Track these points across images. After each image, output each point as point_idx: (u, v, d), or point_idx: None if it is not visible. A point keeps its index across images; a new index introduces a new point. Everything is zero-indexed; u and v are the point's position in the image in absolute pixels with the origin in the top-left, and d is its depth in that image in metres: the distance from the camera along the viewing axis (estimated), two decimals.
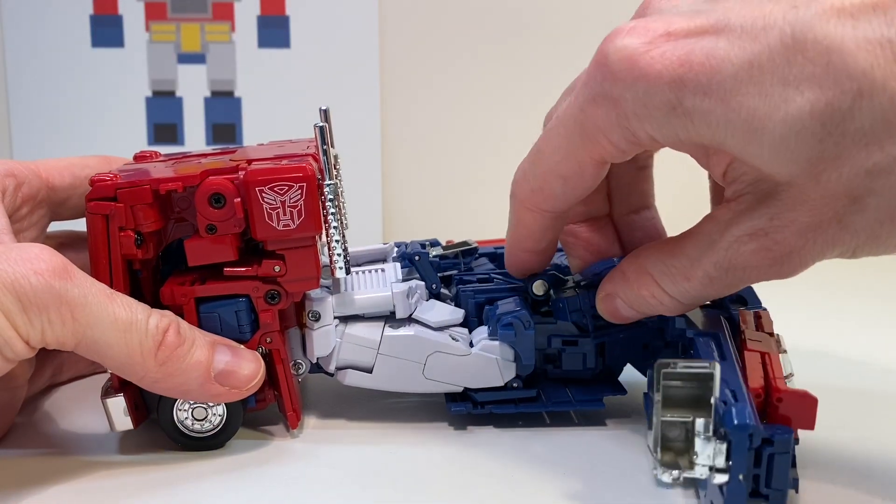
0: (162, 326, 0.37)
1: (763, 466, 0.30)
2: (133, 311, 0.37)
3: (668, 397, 0.31)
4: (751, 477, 0.30)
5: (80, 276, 0.36)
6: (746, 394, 0.32)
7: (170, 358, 0.37)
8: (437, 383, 0.42)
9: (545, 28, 0.77)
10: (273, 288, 0.40)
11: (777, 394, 0.32)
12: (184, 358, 0.38)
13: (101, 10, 0.77)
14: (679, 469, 0.31)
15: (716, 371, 0.30)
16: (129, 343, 0.36)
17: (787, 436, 0.30)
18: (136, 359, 0.37)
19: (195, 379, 0.38)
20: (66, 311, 0.35)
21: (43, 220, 0.44)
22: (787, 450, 0.30)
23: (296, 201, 0.38)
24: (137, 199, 0.39)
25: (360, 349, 0.42)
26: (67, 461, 0.40)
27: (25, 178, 0.42)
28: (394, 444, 0.41)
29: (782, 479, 0.31)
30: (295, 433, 0.42)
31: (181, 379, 0.38)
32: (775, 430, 0.31)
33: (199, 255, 0.40)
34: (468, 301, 0.44)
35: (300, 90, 0.77)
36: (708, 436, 0.30)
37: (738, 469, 0.30)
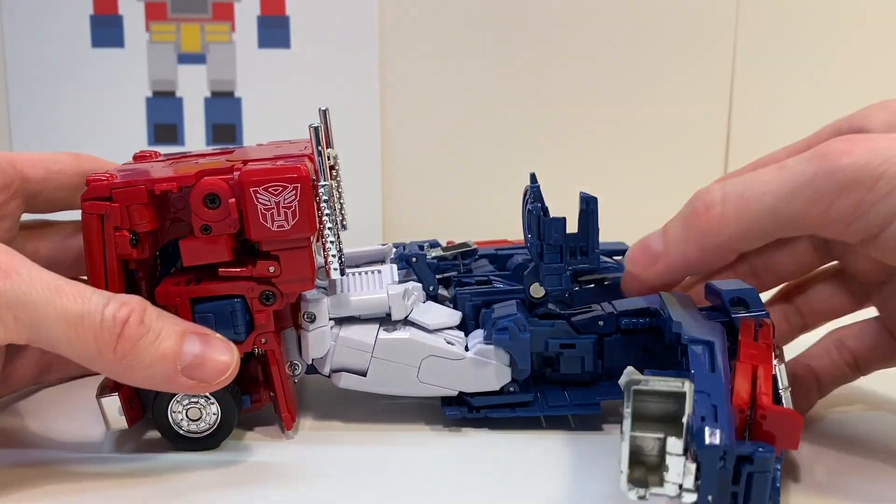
0: (121, 317, 0.35)
1: (741, 485, 0.30)
2: (85, 302, 0.35)
3: (640, 412, 0.30)
4: (728, 494, 0.30)
5: (25, 273, 0.34)
6: (728, 410, 0.31)
7: (131, 351, 0.35)
8: (431, 387, 0.42)
9: (546, 28, 0.77)
10: (268, 289, 0.40)
11: (761, 410, 0.31)
12: (146, 350, 0.35)
13: (101, 10, 0.76)
14: (647, 487, 0.30)
15: (688, 390, 0.29)
16: (82, 337, 0.34)
17: (767, 455, 0.29)
18: (92, 353, 0.35)
19: (160, 372, 0.36)
20: (7, 312, 0.34)
21: (16, 211, 0.43)
22: (767, 469, 0.29)
23: (290, 202, 0.38)
24: (133, 198, 0.39)
25: (354, 352, 0.42)
26: (62, 460, 0.40)
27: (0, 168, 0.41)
28: (389, 446, 0.41)
29: (761, 497, 0.30)
30: (290, 434, 0.42)
31: (145, 372, 0.36)
32: (756, 447, 0.30)
33: (194, 256, 0.39)
34: (465, 304, 0.44)
35: (300, 90, 0.77)
36: (679, 454, 0.29)
37: (707, 490, 0.29)
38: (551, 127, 0.78)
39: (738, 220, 0.35)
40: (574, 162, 0.78)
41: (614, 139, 0.78)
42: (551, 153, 0.78)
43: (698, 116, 0.77)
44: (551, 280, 0.42)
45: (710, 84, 0.76)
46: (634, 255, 0.39)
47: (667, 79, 0.77)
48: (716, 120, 0.76)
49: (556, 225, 0.41)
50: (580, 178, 0.77)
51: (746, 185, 0.35)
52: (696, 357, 0.34)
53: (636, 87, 0.77)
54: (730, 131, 0.76)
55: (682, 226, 0.37)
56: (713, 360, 0.34)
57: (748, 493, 0.30)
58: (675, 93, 0.77)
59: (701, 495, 0.29)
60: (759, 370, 0.33)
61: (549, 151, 0.78)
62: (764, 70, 0.76)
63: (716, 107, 0.76)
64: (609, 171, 0.77)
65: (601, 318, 0.42)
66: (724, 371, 0.33)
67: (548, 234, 0.41)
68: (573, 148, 0.78)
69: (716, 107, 0.76)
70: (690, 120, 0.77)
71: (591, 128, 0.78)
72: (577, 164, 0.78)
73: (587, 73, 0.77)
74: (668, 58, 0.76)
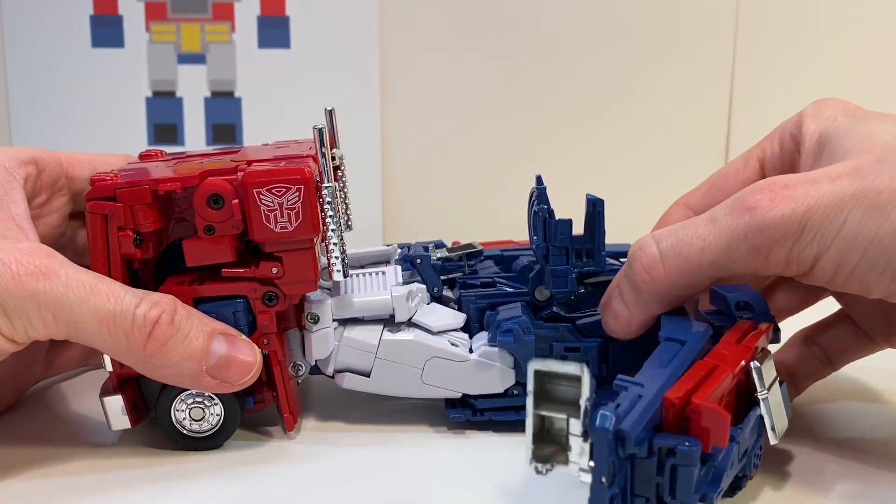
0: (151, 317, 0.37)
1: (665, 476, 0.30)
2: (119, 301, 0.37)
3: (554, 394, 0.31)
4: (653, 484, 0.30)
5: (63, 274, 0.36)
6: (656, 402, 0.31)
7: (160, 350, 0.37)
8: (435, 388, 0.42)
9: (547, 28, 0.77)
10: (271, 290, 0.40)
11: (690, 406, 0.31)
12: (174, 350, 0.37)
13: (101, 10, 0.76)
14: (550, 463, 0.31)
15: (584, 374, 0.30)
16: (114, 336, 0.36)
17: (690, 449, 0.30)
18: (123, 350, 0.37)
19: (186, 371, 0.38)
20: (46, 312, 0.36)
21: (65, 208, 0.44)
22: (691, 462, 0.30)
23: (294, 203, 0.38)
24: (136, 198, 0.39)
25: (358, 353, 0.42)
26: (64, 458, 0.40)
27: (46, 165, 0.43)
28: (391, 448, 0.41)
29: (686, 491, 0.30)
30: (292, 435, 0.42)
31: (171, 370, 0.38)
32: (681, 441, 0.30)
33: (198, 256, 0.40)
34: (470, 306, 0.44)
35: (300, 90, 0.77)
36: (578, 435, 0.30)
37: (601, 471, 0.29)
38: (553, 127, 0.78)
39: (684, 274, 0.37)
40: (575, 162, 0.78)
41: (615, 139, 0.78)
42: (552, 153, 0.78)
43: (699, 117, 0.77)
44: (557, 282, 0.42)
45: (710, 84, 0.76)
46: (608, 324, 0.40)
47: (668, 79, 0.77)
48: (716, 120, 0.76)
49: (563, 227, 0.41)
50: (581, 178, 0.77)
51: (682, 240, 0.36)
52: (659, 353, 0.35)
53: (637, 87, 0.77)
54: (730, 131, 0.77)
55: (632, 289, 0.39)
56: (673, 357, 0.35)
57: (672, 486, 0.30)
58: (675, 93, 0.77)
59: (595, 475, 0.30)
60: (717, 369, 0.34)
61: (550, 151, 0.78)
62: (764, 70, 0.76)
63: (716, 107, 0.77)
64: (610, 172, 0.77)
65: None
66: (680, 367, 0.34)
67: (554, 236, 0.41)
68: (575, 148, 0.78)
69: (716, 107, 0.77)
70: (691, 120, 0.77)
71: (593, 128, 0.78)
72: (579, 164, 0.78)
73: (588, 73, 0.77)
74: (668, 58, 0.76)
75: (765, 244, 0.35)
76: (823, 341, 0.43)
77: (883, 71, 0.76)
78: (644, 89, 0.77)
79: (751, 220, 0.35)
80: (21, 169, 0.41)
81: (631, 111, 0.77)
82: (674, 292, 0.38)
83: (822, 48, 0.76)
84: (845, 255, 0.34)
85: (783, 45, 0.76)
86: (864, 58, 0.76)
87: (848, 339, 0.43)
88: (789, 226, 0.34)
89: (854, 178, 0.34)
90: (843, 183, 0.34)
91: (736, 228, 0.35)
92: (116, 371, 0.40)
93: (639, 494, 0.31)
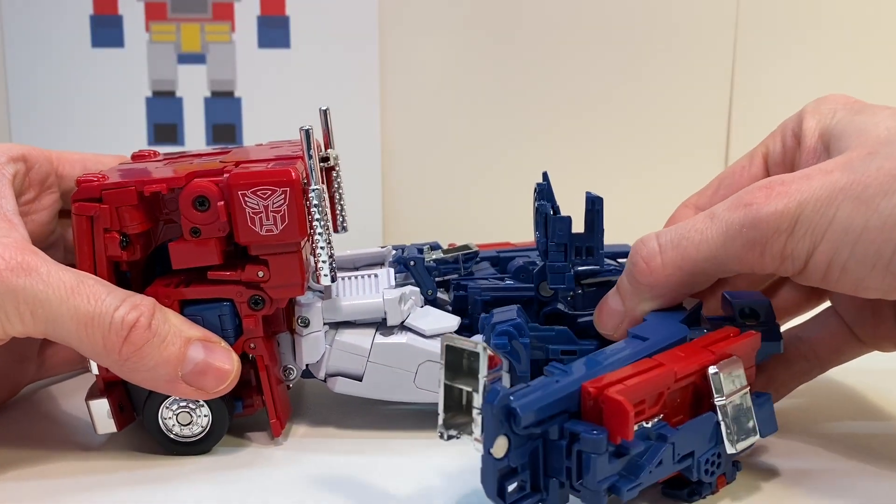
0: (129, 320, 0.36)
1: (573, 461, 0.32)
2: (98, 303, 0.36)
3: (463, 367, 0.32)
4: (563, 468, 0.32)
5: (44, 272, 0.36)
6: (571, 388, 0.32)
7: (134, 354, 0.37)
8: (429, 393, 0.41)
9: (547, 29, 0.76)
10: (257, 293, 0.39)
11: (601, 396, 0.32)
12: (150, 354, 0.37)
13: (101, 10, 0.76)
14: (456, 431, 0.32)
15: (481, 352, 0.31)
16: (90, 337, 0.36)
17: (596, 435, 0.31)
18: (100, 352, 0.37)
19: (161, 376, 0.37)
20: (25, 308, 0.36)
21: (54, 206, 0.44)
22: (595, 450, 0.31)
23: (279, 206, 0.38)
24: (122, 200, 0.38)
25: (350, 356, 0.41)
26: (50, 460, 0.40)
27: (36, 161, 0.43)
28: (382, 454, 0.40)
29: (591, 478, 0.31)
30: (279, 441, 0.41)
31: (147, 375, 0.37)
32: (588, 428, 0.31)
33: (184, 259, 0.39)
34: (475, 298, 0.43)
35: (300, 90, 0.76)
36: (478, 408, 0.31)
37: (489, 443, 0.31)
38: (553, 127, 0.77)
39: (681, 267, 0.37)
40: (575, 162, 0.77)
41: (615, 139, 0.77)
42: (553, 153, 0.77)
43: (698, 117, 0.76)
44: (555, 279, 0.41)
45: (710, 84, 0.76)
46: (601, 319, 0.40)
47: (667, 80, 0.76)
48: (716, 120, 0.76)
49: (561, 224, 0.41)
50: (581, 178, 0.76)
51: (681, 235, 0.37)
52: (611, 347, 0.36)
53: (637, 88, 0.76)
54: (730, 131, 0.76)
55: (630, 282, 0.39)
56: (621, 351, 0.35)
57: (579, 471, 0.32)
58: (675, 94, 0.76)
59: (484, 446, 0.31)
60: (655, 368, 0.34)
61: (550, 152, 0.77)
62: (764, 70, 0.75)
63: (716, 107, 0.76)
64: (610, 172, 0.77)
65: None
66: (624, 361, 0.34)
67: (553, 233, 0.41)
68: (575, 148, 0.77)
69: (716, 107, 0.76)
70: (691, 121, 0.76)
71: (593, 128, 0.77)
72: (579, 164, 0.77)
73: (588, 74, 0.76)
74: (668, 59, 0.76)
75: (759, 239, 0.35)
76: (811, 339, 0.43)
77: (883, 70, 0.75)
78: (644, 90, 0.76)
79: (746, 214, 0.35)
80: (10, 165, 0.41)
81: (631, 111, 0.77)
82: (671, 287, 0.38)
83: (822, 48, 0.75)
84: (836, 248, 0.34)
85: (783, 45, 0.75)
86: (865, 57, 0.75)
87: (836, 337, 0.43)
88: (782, 220, 0.34)
89: (844, 172, 0.35)
90: (834, 177, 0.35)
91: (732, 223, 0.36)
92: (103, 374, 0.39)
93: (552, 476, 0.32)
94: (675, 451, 0.33)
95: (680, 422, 0.34)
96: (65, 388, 0.48)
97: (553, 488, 0.32)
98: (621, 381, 0.32)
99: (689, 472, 0.34)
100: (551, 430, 0.32)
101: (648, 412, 0.33)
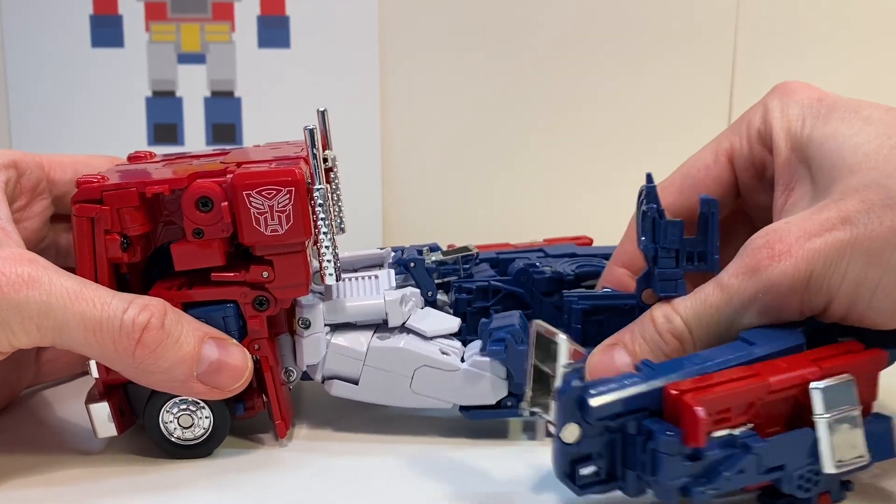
0: (140, 322, 0.36)
1: (648, 457, 0.32)
2: (105, 308, 0.36)
3: (545, 348, 0.35)
4: (639, 462, 0.32)
5: (46, 281, 0.35)
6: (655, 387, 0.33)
7: (148, 356, 0.36)
8: (425, 398, 0.41)
9: (547, 29, 0.76)
10: (261, 294, 0.39)
11: (679, 400, 0.32)
12: (165, 355, 0.36)
13: (101, 10, 0.76)
14: (537, 409, 0.35)
15: (561, 342, 0.34)
16: (101, 342, 0.36)
17: (669, 437, 0.31)
18: (111, 356, 0.36)
19: (177, 376, 0.37)
20: (30, 322, 0.35)
21: (46, 212, 0.43)
22: (668, 451, 0.31)
23: (284, 206, 0.37)
24: (123, 201, 0.38)
25: (346, 360, 0.41)
26: (51, 466, 0.39)
27: (27, 168, 0.42)
28: (382, 457, 0.40)
29: (663, 477, 0.32)
30: (284, 442, 0.41)
31: (162, 376, 0.37)
32: (662, 427, 0.32)
33: (186, 260, 0.39)
34: (571, 307, 0.43)
35: (300, 90, 0.76)
36: (553, 393, 0.34)
37: (559, 428, 0.32)
38: (553, 127, 0.77)
39: (709, 336, 0.37)
40: (575, 163, 0.77)
41: (615, 140, 0.77)
42: (553, 154, 0.77)
43: (698, 118, 0.76)
44: (665, 286, 0.39)
45: (709, 85, 0.76)
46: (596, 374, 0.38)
47: (668, 81, 0.76)
48: (716, 120, 0.75)
49: (674, 228, 0.39)
50: (581, 178, 0.76)
51: (698, 310, 0.37)
52: (715, 348, 0.36)
53: (637, 89, 0.76)
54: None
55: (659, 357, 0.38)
56: (722, 354, 0.35)
57: (654, 467, 0.32)
58: (675, 95, 0.76)
59: (557, 432, 0.33)
60: (750, 377, 0.33)
61: (551, 152, 0.77)
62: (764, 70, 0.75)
63: (716, 107, 0.76)
64: (609, 172, 0.76)
65: None
66: (721, 365, 0.34)
67: (664, 238, 0.39)
68: (575, 148, 0.77)
69: (716, 107, 0.76)
70: (690, 122, 0.76)
71: (593, 128, 0.77)
72: (579, 164, 0.77)
73: (589, 74, 0.76)
74: (668, 60, 0.75)
75: (775, 301, 0.35)
76: None
77: (883, 70, 0.74)
78: (644, 90, 0.76)
79: (758, 281, 0.35)
80: (0, 173, 0.40)
81: (631, 112, 0.77)
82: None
83: (822, 48, 0.75)
84: (853, 301, 0.35)
85: (783, 45, 0.75)
86: (864, 57, 0.75)
87: None
88: (795, 282, 0.35)
89: (847, 227, 0.35)
90: (837, 234, 0.35)
91: (745, 292, 0.36)
92: (102, 377, 0.39)
93: (630, 468, 0.33)
94: (761, 461, 0.33)
95: (775, 433, 0.34)
96: (64, 392, 0.48)
97: (630, 478, 0.33)
98: (706, 388, 0.32)
99: (780, 485, 0.34)
100: (629, 424, 0.33)
101: (735, 420, 0.33)
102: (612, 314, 0.42)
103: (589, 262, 0.50)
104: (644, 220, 0.40)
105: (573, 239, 0.55)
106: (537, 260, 0.49)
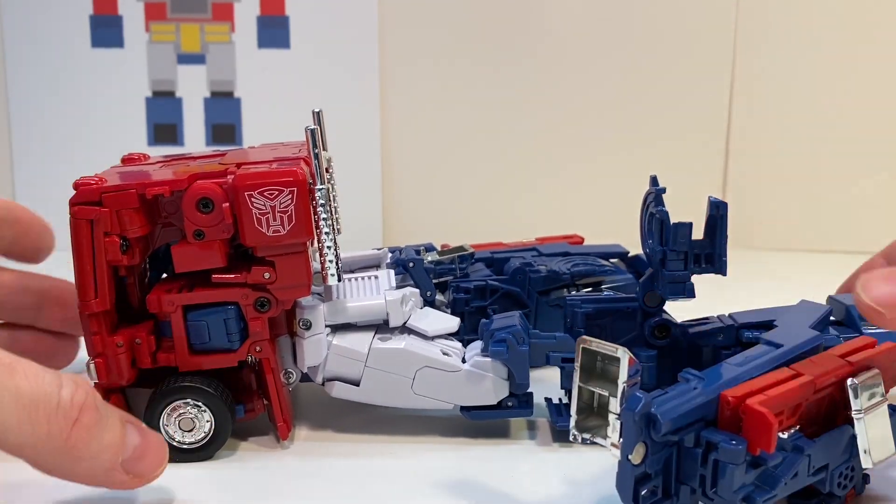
0: (78, 401, 0.31)
1: (708, 469, 0.31)
2: (40, 383, 0.30)
3: (598, 371, 0.32)
4: (697, 476, 0.31)
5: None
6: (710, 396, 0.31)
7: (83, 439, 0.31)
8: (426, 399, 0.41)
9: (547, 30, 0.76)
10: (263, 295, 0.39)
11: (742, 406, 0.31)
12: (97, 438, 0.31)
13: (101, 10, 0.76)
14: (590, 434, 0.32)
15: (622, 357, 0.31)
16: (34, 421, 0.30)
17: (735, 446, 0.30)
18: (39, 438, 0.30)
19: (103, 464, 0.32)
20: None
21: None
22: (733, 460, 0.30)
23: (286, 206, 0.37)
24: (123, 203, 0.38)
25: (347, 361, 0.41)
26: None
27: None
28: (383, 457, 0.40)
29: (727, 488, 0.31)
30: (285, 444, 0.41)
31: (88, 464, 0.32)
32: (727, 438, 0.31)
33: (187, 262, 0.38)
34: (575, 311, 0.42)
35: (300, 90, 0.76)
36: (615, 413, 0.31)
37: (627, 449, 0.30)
38: (552, 128, 0.77)
39: None
40: (575, 164, 0.77)
41: (614, 140, 0.77)
42: (552, 154, 0.77)
43: (698, 118, 0.76)
44: (674, 289, 0.39)
45: (709, 85, 0.75)
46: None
47: (667, 83, 0.76)
48: (716, 120, 0.75)
49: (682, 230, 0.39)
50: (580, 179, 0.76)
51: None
52: (747, 352, 0.35)
53: (637, 90, 0.76)
54: (730, 132, 0.75)
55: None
56: (756, 358, 0.34)
57: (714, 480, 0.31)
58: (675, 96, 0.76)
59: (622, 452, 0.31)
60: (793, 377, 0.33)
61: (550, 152, 0.77)
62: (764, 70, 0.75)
63: (716, 107, 0.75)
64: (609, 173, 0.76)
65: (721, 331, 0.41)
66: (759, 369, 0.34)
67: (673, 240, 0.39)
68: (574, 149, 0.77)
69: (716, 107, 0.75)
70: (690, 123, 0.76)
71: (592, 129, 0.77)
72: (578, 165, 0.77)
73: (587, 76, 0.76)
74: (668, 62, 0.75)
75: None
76: None
77: (883, 70, 0.74)
78: (644, 92, 0.76)
79: None
80: None
81: (630, 113, 0.77)
82: None
83: (822, 48, 0.75)
84: None
85: (783, 46, 0.75)
86: (865, 57, 0.74)
87: None
88: None
89: None
90: None
91: None
92: (102, 381, 0.39)
93: (685, 482, 0.32)
94: (811, 463, 0.33)
95: (814, 433, 0.33)
96: None
97: (684, 494, 0.32)
98: (762, 391, 0.32)
99: (822, 485, 0.34)
100: (686, 437, 0.31)
101: (786, 423, 0.33)
102: (616, 318, 0.42)
103: (584, 260, 0.50)
104: (652, 223, 0.39)
105: (565, 237, 0.55)
106: (532, 259, 0.49)
